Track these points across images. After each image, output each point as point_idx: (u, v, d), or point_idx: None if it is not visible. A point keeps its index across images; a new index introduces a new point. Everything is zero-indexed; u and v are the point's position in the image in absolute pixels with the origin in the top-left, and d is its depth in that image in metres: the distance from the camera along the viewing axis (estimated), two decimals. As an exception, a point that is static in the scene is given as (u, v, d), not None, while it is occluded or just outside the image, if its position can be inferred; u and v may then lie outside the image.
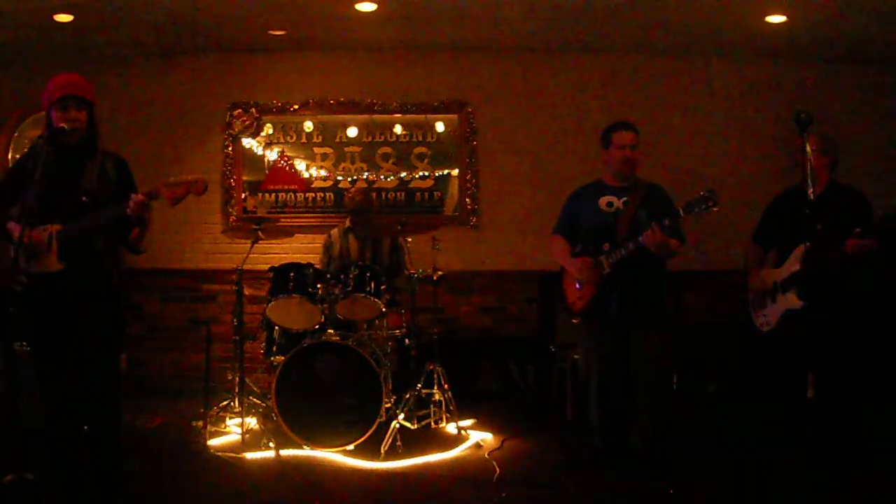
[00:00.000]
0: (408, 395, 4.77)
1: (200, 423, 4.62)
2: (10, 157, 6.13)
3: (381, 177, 6.24)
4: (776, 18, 5.25)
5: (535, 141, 6.21)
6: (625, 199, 3.90)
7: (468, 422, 4.90)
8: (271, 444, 4.26)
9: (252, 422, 4.61)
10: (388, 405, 4.47)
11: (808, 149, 3.11)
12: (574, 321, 4.04)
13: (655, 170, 4.93)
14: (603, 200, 3.94)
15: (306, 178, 6.24)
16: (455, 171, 6.23)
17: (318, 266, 5.06)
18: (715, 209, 3.53)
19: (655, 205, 3.85)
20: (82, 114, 3.01)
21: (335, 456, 4.22)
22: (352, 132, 6.24)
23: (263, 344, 4.82)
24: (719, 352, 5.63)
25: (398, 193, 6.24)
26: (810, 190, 3.11)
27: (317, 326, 4.58)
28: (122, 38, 5.71)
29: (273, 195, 6.26)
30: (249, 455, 4.21)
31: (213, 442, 4.48)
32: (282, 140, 6.27)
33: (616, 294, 3.82)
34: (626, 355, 3.85)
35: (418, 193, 6.24)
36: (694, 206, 3.55)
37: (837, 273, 3.55)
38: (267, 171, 6.26)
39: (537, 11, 5.27)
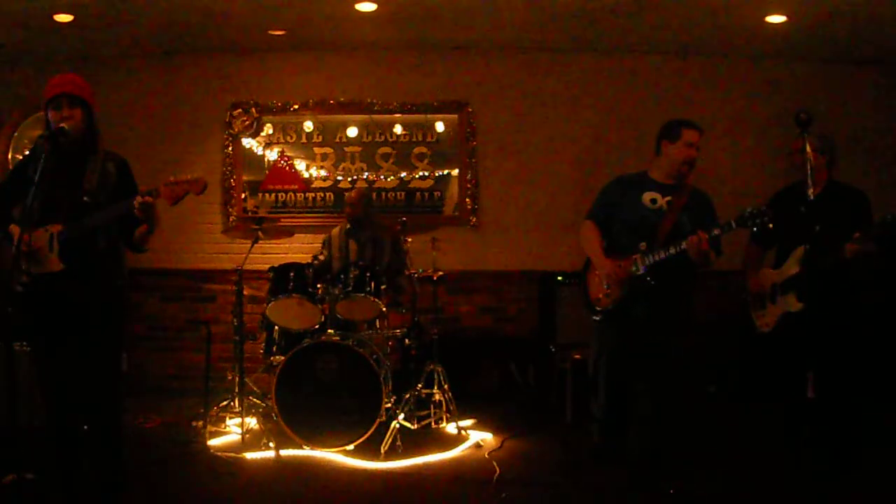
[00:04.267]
0: (408, 395, 4.77)
1: (200, 423, 4.62)
2: (10, 157, 6.13)
3: (381, 177, 6.23)
4: (776, 18, 5.25)
5: (535, 141, 6.21)
6: (669, 198, 3.71)
7: (468, 422, 4.90)
8: (271, 444, 4.26)
9: (252, 422, 4.61)
10: (388, 405, 4.46)
11: (808, 149, 3.11)
12: (595, 318, 3.84)
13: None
14: (647, 196, 3.73)
15: (306, 178, 6.24)
16: (455, 171, 6.24)
17: (319, 257, 5.08)
18: (770, 226, 3.32)
19: (699, 210, 3.69)
20: (76, 111, 3.01)
21: (335, 456, 4.22)
22: (352, 132, 6.24)
23: (263, 344, 4.82)
24: (719, 352, 5.62)
25: (398, 193, 6.23)
26: (810, 190, 3.11)
27: (317, 326, 4.59)
28: (122, 38, 5.71)
29: (273, 195, 6.26)
30: (249, 455, 4.21)
31: (213, 442, 4.48)
32: (282, 140, 6.27)
33: (645, 297, 3.64)
34: (645, 360, 3.69)
35: (418, 193, 6.24)
36: (748, 220, 3.35)
37: (836, 276, 3.54)
38: (267, 171, 6.26)
39: (537, 11, 5.27)
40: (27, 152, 3.18)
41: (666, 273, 3.59)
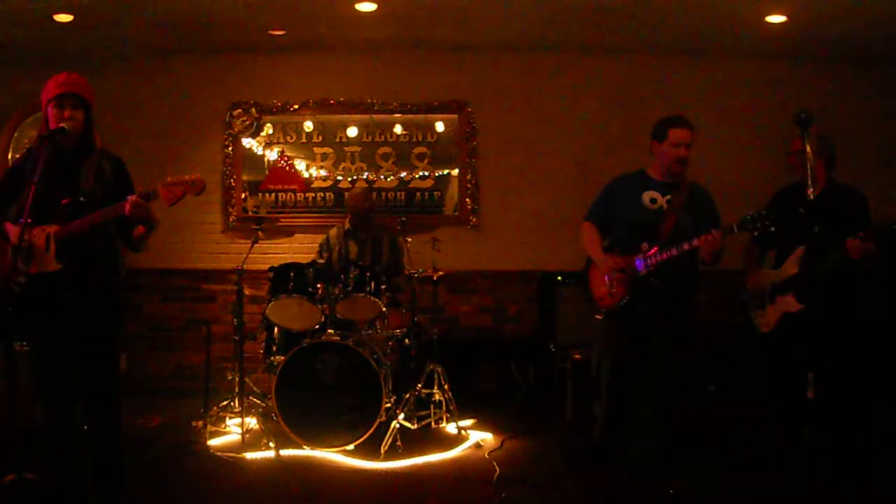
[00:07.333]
0: (408, 395, 4.77)
1: (200, 423, 4.63)
2: (10, 157, 6.13)
3: (381, 177, 6.23)
4: (776, 18, 5.25)
5: (535, 141, 6.21)
6: (669, 197, 3.73)
7: (468, 422, 4.90)
8: (271, 444, 4.26)
9: (252, 422, 4.62)
10: (388, 405, 4.47)
11: (808, 148, 3.11)
12: (597, 316, 3.85)
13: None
14: (647, 195, 3.75)
15: (306, 178, 6.24)
16: (455, 171, 6.23)
17: (319, 261, 5.08)
18: (772, 229, 3.36)
19: (699, 209, 3.69)
20: (79, 113, 3.00)
21: (335, 456, 4.22)
22: (352, 132, 6.24)
23: (263, 344, 4.83)
24: (719, 352, 5.62)
25: (398, 193, 6.23)
26: (810, 190, 3.11)
27: (317, 326, 4.59)
28: (122, 38, 5.70)
29: (273, 195, 6.25)
30: (249, 455, 4.21)
31: (213, 442, 4.48)
32: (282, 140, 6.27)
33: (648, 298, 3.63)
34: (644, 361, 3.71)
35: (418, 193, 6.24)
36: (749, 225, 3.39)
37: (835, 276, 3.54)
38: (267, 171, 6.26)
39: (538, 11, 5.27)
40: (24, 151, 3.17)
41: (668, 274, 3.58)
